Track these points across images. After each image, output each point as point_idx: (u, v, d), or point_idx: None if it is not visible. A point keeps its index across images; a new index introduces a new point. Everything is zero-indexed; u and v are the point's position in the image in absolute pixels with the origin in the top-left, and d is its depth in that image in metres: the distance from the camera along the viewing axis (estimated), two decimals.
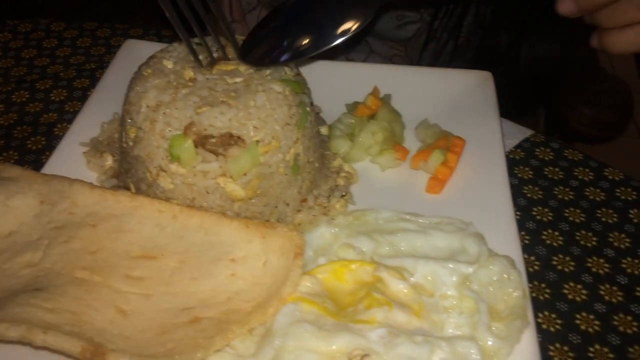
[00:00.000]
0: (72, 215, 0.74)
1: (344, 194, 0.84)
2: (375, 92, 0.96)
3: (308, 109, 0.80)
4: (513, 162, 0.96)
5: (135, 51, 1.01)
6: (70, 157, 0.85)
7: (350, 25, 0.75)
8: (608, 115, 1.52)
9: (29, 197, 0.75)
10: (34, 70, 1.12)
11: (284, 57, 0.77)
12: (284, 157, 0.76)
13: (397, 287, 0.69)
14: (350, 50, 1.30)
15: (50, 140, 0.97)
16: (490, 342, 0.63)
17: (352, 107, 0.95)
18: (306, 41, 0.76)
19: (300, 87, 0.78)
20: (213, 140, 0.71)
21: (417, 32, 1.24)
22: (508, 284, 0.69)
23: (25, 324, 0.58)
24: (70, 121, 0.99)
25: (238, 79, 0.75)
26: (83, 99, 1.04)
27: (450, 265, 0.69)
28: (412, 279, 0.70)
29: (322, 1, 0.78)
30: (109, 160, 0.85)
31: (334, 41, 0.75)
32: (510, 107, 1.27)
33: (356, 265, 0.71)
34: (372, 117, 0.93)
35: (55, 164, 0.84)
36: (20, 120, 1.01)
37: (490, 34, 1.27)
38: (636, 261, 0.83)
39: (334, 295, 0.69)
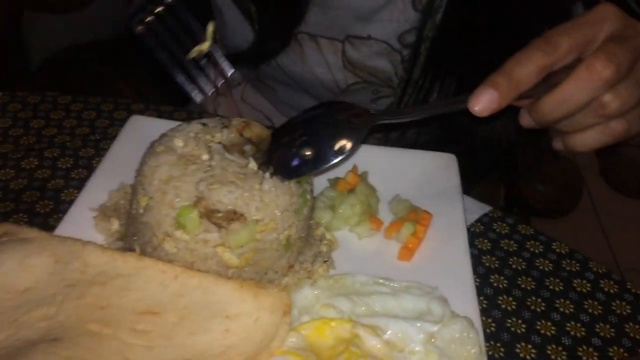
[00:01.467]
0: (84, 274, 0.82)
1: (326, 259, 0.95)
2: (354, 170, 1.10)
3: (308, 196, 0.92)
4: (473, 234, 1.09)
5: (139, 126, 1.14)
6: (80, 220, 0.95)
7: (347, 144, 0.85)
8: (559, 193, 1.70)
9: (44, 256, 0.84)
10: (42, 139, 1.22)
11: (300, 172, 0.87)
12: (278, 236, 0.87)
13: (372, 343, 0.79)
14: None
15: (57, 204, 1.06)
16: None
17: (334, 182, 1.08)
18: (315, 158, 0.85)
19: (305, 179, 0.90)
20: (219, 214, 0.82)
21: (390, 106, 1.39)
22: (467, 342, 0.80)
23: None
24: (76, 187, 1.09)
25: (251, 165, 0.87)
26: (88, 166, 1.15)
27: (418, 324, 0.80)
28: (384, 336, 0.80)
29: (329, 118, 0.88)
30: (115, 225, 0.94)
31: (335, 160, 0.85)
32: (472, 180, 1.41)
33: (335, 322, 0.81)
34: (351, 191, 1.05)
35: (66, 227, 0.93)
36: (29, 185, 1.10)
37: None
38: (579, 325, 0.95)
39: (316, 350, 0.79)
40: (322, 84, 1.39)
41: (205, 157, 0.87)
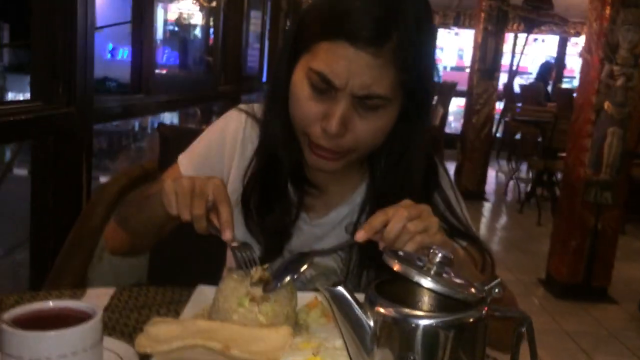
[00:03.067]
0: (199, 328, 1.82)
1: (305, 328, 1.96)
2: (315, 299, 2.17)
3: (294, 297, 1.99)
4: None
5: (204, 290, 2.22)
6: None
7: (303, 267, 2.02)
8: None
9: (174, 324, 1.83)
10: (145, 297, 2.25)
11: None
12: (281, 310, 1.92)
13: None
14: None
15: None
16: None
17: (306, 304, 2.14)
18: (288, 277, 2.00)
19: (293, 291, 2.00)
20: (258, 297, 1.88)
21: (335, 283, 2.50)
22: None
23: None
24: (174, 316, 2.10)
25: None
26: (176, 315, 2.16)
27: None
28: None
29: (296, 259, 2.06)
30: (205, 317, 1.95)
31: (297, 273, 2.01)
32: None
33: (312, 344, 1.80)
34: (315, 306, 2.12)
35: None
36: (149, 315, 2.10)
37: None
38: None
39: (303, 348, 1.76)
40: None
41: (247, 282, 1.97)
